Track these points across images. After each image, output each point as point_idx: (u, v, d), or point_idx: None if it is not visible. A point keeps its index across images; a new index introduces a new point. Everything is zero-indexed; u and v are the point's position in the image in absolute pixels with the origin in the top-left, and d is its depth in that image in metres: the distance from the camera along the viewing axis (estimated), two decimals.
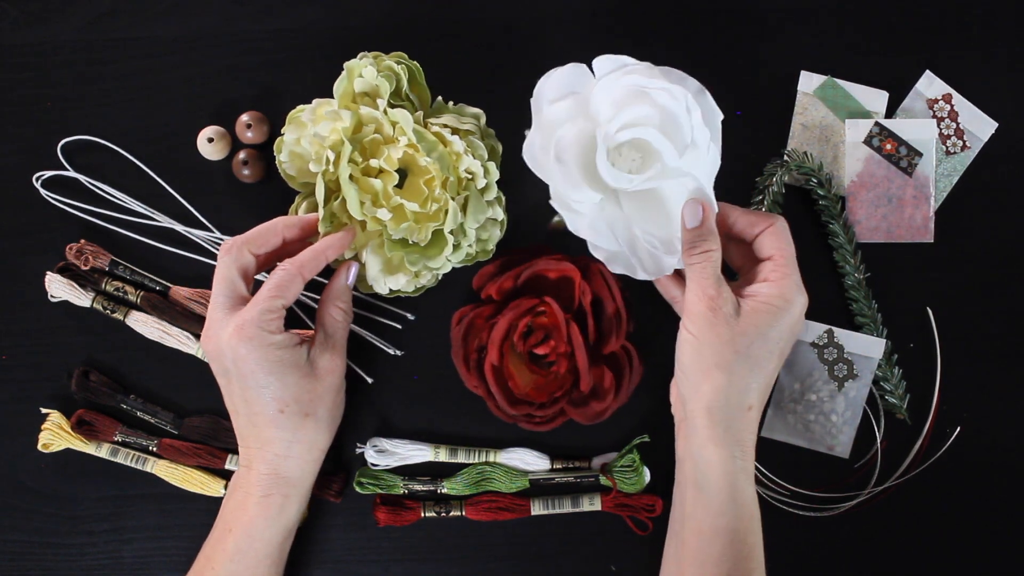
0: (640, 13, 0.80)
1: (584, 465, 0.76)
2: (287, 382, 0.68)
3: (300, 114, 0.72)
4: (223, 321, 0.68)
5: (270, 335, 0.67)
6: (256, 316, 0.67)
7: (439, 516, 0.76)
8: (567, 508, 0.76)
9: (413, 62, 0.72)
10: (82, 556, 0.77)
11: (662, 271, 0.69)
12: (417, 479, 0.76)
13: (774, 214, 0.72)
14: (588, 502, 0.76)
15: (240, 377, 0.68)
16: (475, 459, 0.76)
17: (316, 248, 0.70)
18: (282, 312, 0.68)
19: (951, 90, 0.79)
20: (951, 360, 0.77)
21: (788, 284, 0.68)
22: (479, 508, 0.75)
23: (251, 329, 0.67)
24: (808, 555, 0.76)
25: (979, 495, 0.77)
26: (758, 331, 0.66)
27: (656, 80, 0.66)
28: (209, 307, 0.69)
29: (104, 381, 0.77)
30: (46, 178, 0.79)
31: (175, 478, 0.76)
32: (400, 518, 0.75)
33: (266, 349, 0.67)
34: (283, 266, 0.69)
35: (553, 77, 0.68)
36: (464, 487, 0.76)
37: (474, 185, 0.70)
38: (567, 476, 0.76)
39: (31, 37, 0.81)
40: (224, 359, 0.67)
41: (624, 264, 0.68)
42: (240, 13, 0.81)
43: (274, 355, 0.67)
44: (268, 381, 0.67)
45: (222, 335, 0.67)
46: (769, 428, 0.77)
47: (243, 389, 0.68)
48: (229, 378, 0.68)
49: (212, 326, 0.68)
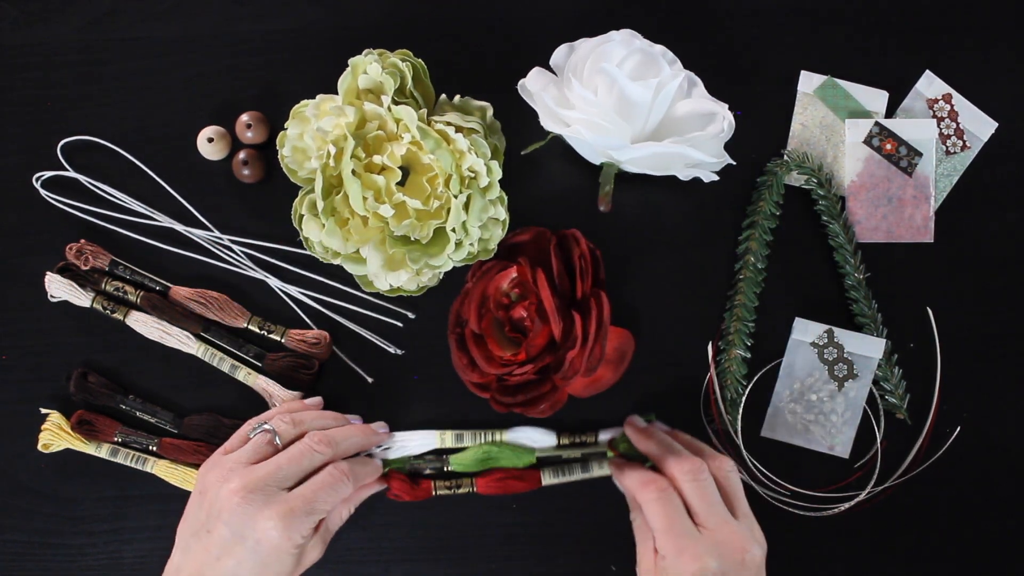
0: (640, 13, 0.80)
1: (591, 440, 0.76)
2: (273, 571, 0.65)
3: (304, 109, 0.72)
4: (269, 495, 0.64)
5: (302, 537, 0.65)
6: (305, 517, 0.65)
7: (450, 492, 0.75)
8: (577, 475, 0.76)
9: (418, 60, 0.72)
10: (82, 556, 0.77)
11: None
12: (423, 457, 0.76)
13: (682, 458, 0.67)
14: (598, 467, 0.75)
15: (235, 542, 0.64)
16: (481, 442, 0.76)
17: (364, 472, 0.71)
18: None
19: (951, 90, 0.79)
20: (951, 360, 0.77)
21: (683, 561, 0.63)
22: (490, 480, 0.75)
23: (296, 521, 0.64)
24: (808, 555, 0.76)
25: (979, 495, 0.77)
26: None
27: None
28: (247, 453, 0.67)
29: (103, 382, 0.77)
30: (46, 178, 0.79)
31: (175, 478, 0.76)
32: (413, 491, 0.75)
33: (291, 544, 0.64)
34: (340, 467, 0.68)
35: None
36: (471, 463, 0.75)
37: (477, 183, 0.71)
38: (574, 452, 0.76)
39: (31, 37, 0.81)
40: (238, 522, 0.64)
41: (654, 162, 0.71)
42: (240, 13, 0.81)
43: (292, 551, 0.65)
44: (255, 566, 0.64)
45: (263, 512, 0.64)
46: (769, 428, 0.77)
47: (224, 551, 0.64)
48: (216, 529, 0.64)
49: (251, 484, 0.64)
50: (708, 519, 0.64)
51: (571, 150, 0.77)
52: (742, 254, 0.78)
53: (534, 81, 0.74)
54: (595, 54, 0.73)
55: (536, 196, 0.79)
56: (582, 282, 0.73)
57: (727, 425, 0.76)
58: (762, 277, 0.77)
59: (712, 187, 0.76)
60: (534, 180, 0.79)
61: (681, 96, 0.74)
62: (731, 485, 0.67)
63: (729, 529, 0.64)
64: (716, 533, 0.64)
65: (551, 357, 0.72)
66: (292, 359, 0.77)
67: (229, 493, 0.64)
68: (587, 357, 0.70)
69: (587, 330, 0.71)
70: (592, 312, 0.71)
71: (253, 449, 0.68)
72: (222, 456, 0.68)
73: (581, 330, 0.71)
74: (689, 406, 0.77)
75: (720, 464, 0.67)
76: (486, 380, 0.73)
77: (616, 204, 0.77)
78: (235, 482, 0.65)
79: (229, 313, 0.77)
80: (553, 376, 0.72)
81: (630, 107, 0.71)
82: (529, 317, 0.73)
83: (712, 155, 0.72)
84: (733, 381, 0.77)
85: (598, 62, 0.72)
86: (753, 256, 0.77)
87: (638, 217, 0.79)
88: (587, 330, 0.71)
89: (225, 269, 0.78)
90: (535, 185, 0.79)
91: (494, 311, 0.74)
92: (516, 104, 0.75)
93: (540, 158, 0.78)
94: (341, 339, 0.78)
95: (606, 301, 0.71)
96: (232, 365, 0.77)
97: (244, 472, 0.65)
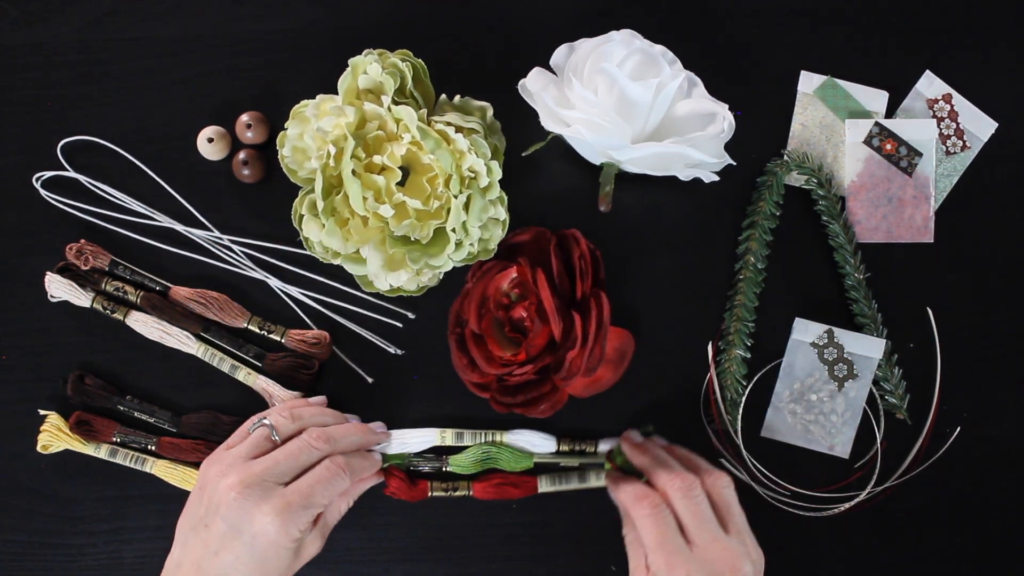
0: (640, 13, 0.80)
1: (590, 449, 0.76)
2: (271, 565, 0.65)
3: (304, 109, 0.72)
4: (267, 490, 0.65)
5: (299, 531, 0.65)
6: (302, 511, 0.65)
7: (446, 495, 0.76)
8: (574, 484, 0.76)
9: (418, 60, 0.72)
10: (82, 556, 0.77)
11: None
12: (423, 455, 0.76)
13: (674, 474, 0.67)
14: (595, 478, 0.75)
15: (233, 537, 0.64)
16: (481, 441, 0.76)
17: (362, 467, 0.71)
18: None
19: (951, 90, 0.79)
20: (951, 360, 0.77)
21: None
22: (487, 485, 0.75)
23: (293, 515, 0.65)
24: (808, 555, 0.76)
25: (979, 495, 0.77)
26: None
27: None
28: (246, 448, 0.67)
29: (100, 384, 0.77)
30: (46, 178, 0.79)
31: (174, 478, 0.76)
32: (410, 491, 0.75)
33: (288, 538, 0.65)
34: (336, 461, 0.68)
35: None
36: (470, 464, 0.75)
37: (477, 184, 0.71)
38: (572, 460, 0.76)
39: (31, 37, 0.81)
40: (235, 516, 0.64)
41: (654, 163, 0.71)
42: (240, 13, 0.81)
43: (289, 545, 0.65)
44: (253, 561, 0.65)
45: (260, 507, 0.64)
46: (769, 428, 0.77)
47: (222, 546, 0.64)
48: (214, 524, 0.65)
49: (248, 479, 0.65)
50: (699, 536, 0.64)
51: (571, 150, 0.77)
52: (742, 254, 0.78)
53: (534, 81, 0.74)
54: (595, 54, 0.73)
55: (536, 196, 0.79)
56: (582, 282, 0.73)
57: (727, 425, 0.76)
58: (762, 277, 0.77)
59: (712, 187, 0.77)
60: (534, 180, 0.79)
61: (681, 96, 0.74)
62: (725, 500, 0.67)
63: (720, 546, 0.64)
64: (707, 550, 0.64)
65: (551, 357, 0.72)
66: (292, 359, 0.77)
67: (226, 488, 0.65)
68: (587, 357, 0.70)
69: (587, 330, 0.71)
70: (592, 312, 0.71)
71: (252, 444, 0.68)
72: (223, 452, 0.69)
73: (581, 330, 0.71)
74: (689, 406, 0.77)
75: (715, 480, 0.67)
76: (486, 380, 0.73)
77: (616, 204, 0.77)
78: (232, 477, 0.65)
79: (229, 313, 0.77)
80: (553, 376, 0.72)
81: (630, 107, 0.71)
82: (529, 317, 0.73)
83: (712, 155, 0.72)
84: (733, 381, 0.77)
85: (598, 62, 0.72)
86: (753, 256, 0.77)
87: (638, 217, 0.79)
88: (587, 330, 0.71)
89: (225, 269, 0.78)
90: (535, 185, 0.79)
91: (494, 311, 0.74)
92: (516, 104, 0.75)
93: (540, 158, 0.78)
94: (341, 339, 0.78)
95: (606, 301, 0.71)
96: (232, 365, 0.77)
97: (242, 467, 0.66)
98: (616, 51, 0.72)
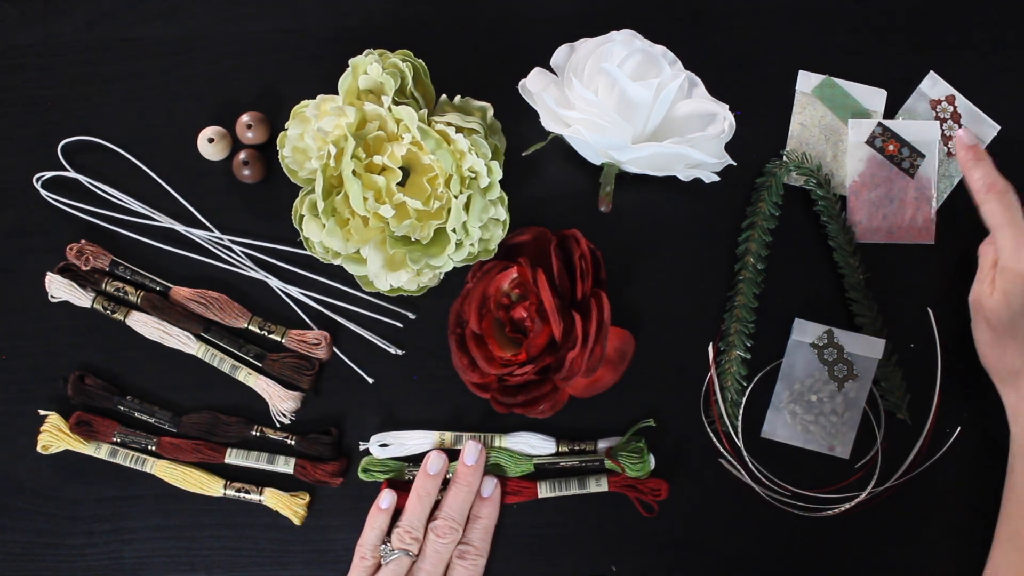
0: (640, 13, 0.80)
1: (590, 448, 0.76)
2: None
3: (304, 109, 0.72)
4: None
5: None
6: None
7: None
8: (574, 490, 0.76)
9: (418, 60, 0.72)
10: (82, 556, 0.77)
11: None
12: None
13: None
14: (595, 483, 0.76)
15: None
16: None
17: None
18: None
19: (954, 92, 0.79)
20: (951, 360, 0.77)
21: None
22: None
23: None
24: (808, 555, 0.76)
25: (979, 495, 0.77)
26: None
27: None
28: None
29: (100, 384, 0.77)
30: (46, 178, 0.79)
31: (174, 478, 0.76)
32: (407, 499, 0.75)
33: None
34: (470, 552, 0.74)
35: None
36: None
37: (477, 184, 0.71)
38: (572, 460, 0.76)
39: (31, 37, 0.81)
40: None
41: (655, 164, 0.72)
42: (240, 13, 0.81)
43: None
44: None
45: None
46: (769, 428, 0.77)
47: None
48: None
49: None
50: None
51: (571, 150, 0.77)
52: (742, 254, 0.78)
53: (535, 81, 0.74)
54: (596, 54, 0.73)
55: (536, 196, 0.79)
56: (582, 282, 0.73)
57: (727, 425, 0.77)
58: (762, 277, 0.77)
59: (712, 187, 0.77)
60: (534, 180, 0.79)
61: (682, 96, 0.74)
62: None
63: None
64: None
65: (551, 357, 0.72)
66: (292, 359, 0.77)
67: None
68: (587, 357, 0.70)
69: (587, 330, 0.71)
70: (592, 312, 0.71)
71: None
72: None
73: (581, 330, 0.71)
74: (689, 406, 0.77)
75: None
76: (486, 380, 0.73)
77: (616, 204, 0.77)
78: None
79: (229, 313, 0.77)
80: (553, 376, 0.72)
81: (631, 107, 0.71)
82: (529, 317, 0.73)
83: (713, 156, 0.72)
84: (733, 382, 0.77)
85: (599, 62, 0.71)
86: (753, 256, 0.77)
87: (638, 217, 0.79)
88: (587, 330, 0.71)
89: (225, 269, 0.78)
90: (535, 185, 0.79)
91: (494, 311, 0.74)
92: (516, 104, 0.75)
93: (541, 158, 0.78)
94: (341, 339, 0.78)
95: (606, 301, 0.71)
96: (232, 365, 0.77)
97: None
98: (616, 51, 0.72)
